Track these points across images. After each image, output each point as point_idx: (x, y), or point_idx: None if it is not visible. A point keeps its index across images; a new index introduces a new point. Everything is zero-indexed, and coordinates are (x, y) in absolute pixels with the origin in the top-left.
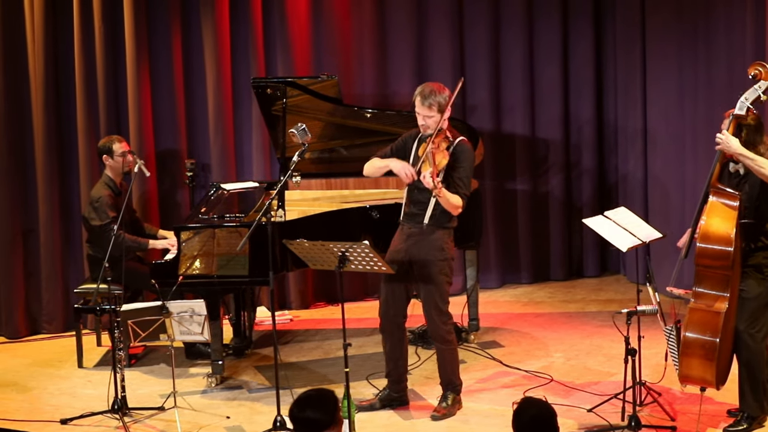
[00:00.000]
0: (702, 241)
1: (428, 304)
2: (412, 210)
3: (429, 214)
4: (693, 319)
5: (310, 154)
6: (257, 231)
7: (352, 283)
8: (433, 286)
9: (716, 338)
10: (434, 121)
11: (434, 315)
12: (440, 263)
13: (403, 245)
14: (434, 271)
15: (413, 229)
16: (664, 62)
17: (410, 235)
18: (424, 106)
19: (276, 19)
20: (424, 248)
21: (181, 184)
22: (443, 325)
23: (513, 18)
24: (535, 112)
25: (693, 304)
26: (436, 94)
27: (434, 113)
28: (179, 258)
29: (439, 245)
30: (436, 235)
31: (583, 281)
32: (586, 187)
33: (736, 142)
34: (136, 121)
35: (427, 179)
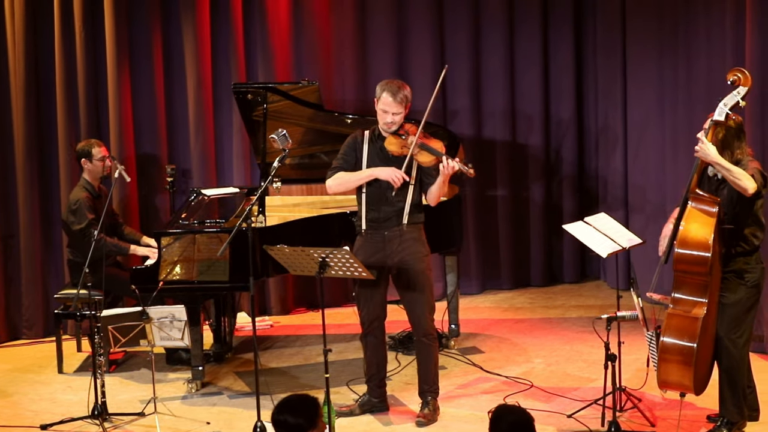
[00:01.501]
0: (680, 247)
1: (421, 303)
2: (385, 213)
3: (407, 212)
4: (671, 324)
5: (291, 159)
6: (237, 237)
7: (333, 289)
8: (424, 286)
9: (693, 344)
10: (401, 117)
11: (427, 312)
12: (426, 259)
13: (382, 252)
14: (423, 267)
15: (391, 232)
16: (645, 67)
17: (390, 239)
18: (396, 102)
19: (257, 25)
20: (412, 249)
21: (161, 190)
22: (431, 321)
23: (493, 23)
24: (515, 117)
25: (671, 309)
26: (403, 89)
27: (403, 109)
28: (159, 263)
29: (422, 241)
30: (416, 233)
31: (563, 287)
32: (566, 192)
33: (714, 151)
34: (116, 125)
35: (452, 164)
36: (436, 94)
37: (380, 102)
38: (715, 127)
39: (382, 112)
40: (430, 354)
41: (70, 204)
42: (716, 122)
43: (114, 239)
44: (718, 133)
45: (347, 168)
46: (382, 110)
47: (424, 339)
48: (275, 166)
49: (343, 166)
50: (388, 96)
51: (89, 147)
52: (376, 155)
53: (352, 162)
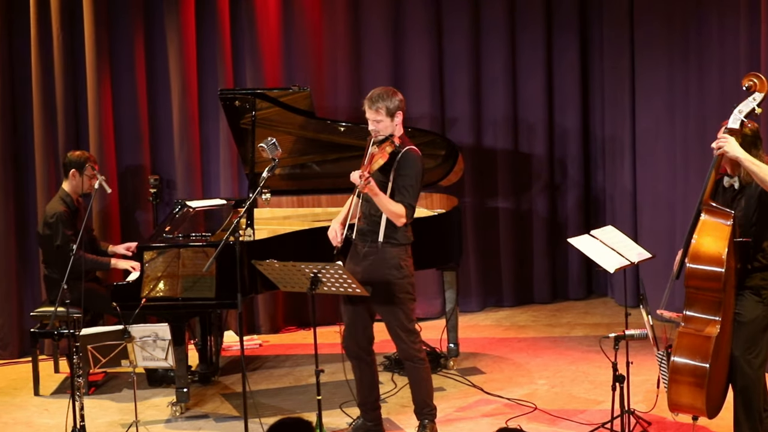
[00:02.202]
0: (692, 262)
1: (393, 324)
2: (365, 227)
3: (382, 231)
4: (682, 343)
5: (281, 169)
6: (225, 251)
7: (325, 307)
8: (395, 307)
9: (706, 364)
10: (383, 126)
11: (402, 335)
12: (400, 282)
13: (359, 267)
14: (395, 290)
15: (367, 249)
16: (654, 73)
17: (365, 255)
18: (372, 110)
19: (245, 28)
20: (381, 269)
21: (144, 202)
22: (412, 344)
23: (494, 27)
24: (517, 125)
25: (682, 328)
26: (384, 98)
27: (382, 117)
28: (142, 279)
29: (396, 263)
30: (391, 254)
31: (568, 304)
32: (571, 204)
33: (738, 146)
34: (96, 134)
35: (353, 175)
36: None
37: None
38: (729, 134)
39: (368, 120)
40: (417, 376)
41: (46, 217)
42: (731, 130)
43: (93, 256)
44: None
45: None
46: (366, 118)
47: (408, 363)
48: (264, 176)
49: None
50: (366, 103)
51: (84, 160)
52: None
53: None
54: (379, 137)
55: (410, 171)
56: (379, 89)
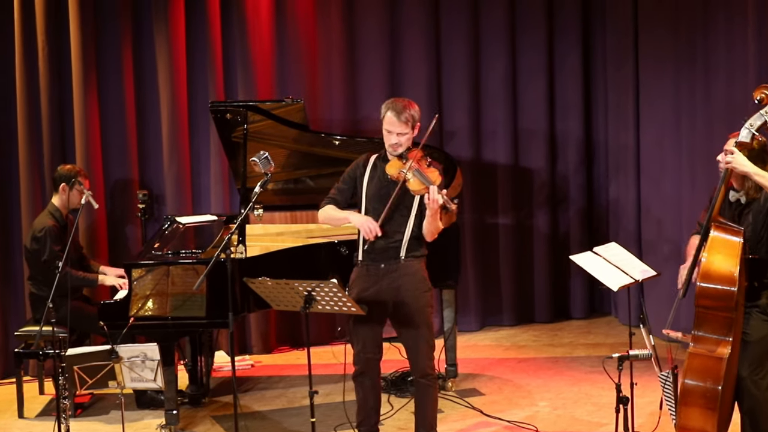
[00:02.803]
0: (703, 281)
1: (419, 340)
2: (382, 245)
3: (405, 246)
4: (693, 365)
5: (274, 184)
6: (216, 268)
7: (319, 326)
8: (423, 321)
9: (718, 386)
10: (407, 139)
11: (425, 351)
12: (426, 295)
13: (377, 286)
14: (422, 304)
15: (387, 266)
16: (659, 81)
17: (386, 273)
18: (401, 122)
19: (236, 38)
20: (409, 284)
21: (132, 217)
22: (431, 360)
23: (493, 33)
24: (518, 136)
25: (693, 348)
26: (410, 108)
27: (408, 129)
28: (130, 298)
29: (422, 276)
30: (416, 267)
31: (570, 323)
32: (573, 220)
33: (746, 160)
34: (83, 148)
35: (435, 197)
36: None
37: (384, 122)
38: (739, 148)
39: (387, 132)
40: (429, 396)
41: (34, 231)
42: (741, 144)
43: (80, 272)
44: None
45: (341, 200)
46: (386, 130)
47: (422, 380)
48: (256, 191)
49: (337, 198)
50: (392, 115)
51: (74, 174)
52: (377, 179)
53: (349, 193)
54: (399, 150)
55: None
56: (400, 100)
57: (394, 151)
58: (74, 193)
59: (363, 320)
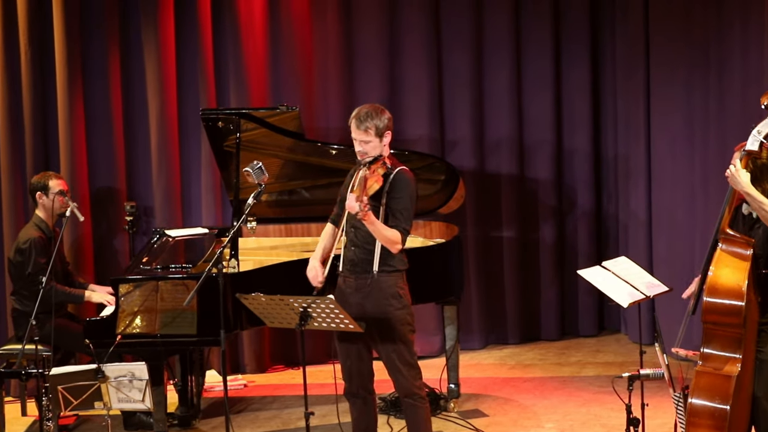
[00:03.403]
0: (709, 295)
1: (393, 359)
2: (355, 257)
3: (377, 259)
4: (700, 383)
5: (267, 196)
6: (207, 284)
7: (315, 344)
8: (395, 340)
9: (726, 405)
10: (372, 147)
11: (404, 370)
12: (399, 313)
13: (352, 299)
14: (395, 322)
15: (360, 280)
16: (671, 90)
17: (358, 288)
18: (360, 130)
19: (228, 43)
20: (378, 300)
21: (119, 230)
22: (413, 379)
23: (497, 41)
24: (523, 147)
25: (700, 366)
26: (373, 117)
27: (371, 137)
28: (117, 314)
29: (394, 292)
30: (388, 282)
31: (578, 341)
32: (581, 233)
33: (746, 179)
34: (67, 157)
35: (350, 202)
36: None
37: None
38: (747, 157)
39: (354, 140)
40: (418, 416)
41: (18, 243)
42: (749, 152)
43: (65, 287)
44: (750, 164)
45: (337, 218)
46: (353, 138)
47: (408, 400)
48: (250, 203)
49: (334, 217)
50: (353, 123)
51: (46, 180)
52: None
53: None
54: (367, 159)
55: (403, 193)
56: (366, 107)
57: (361, 159)
58: (52, 197)
59: (343, 339)
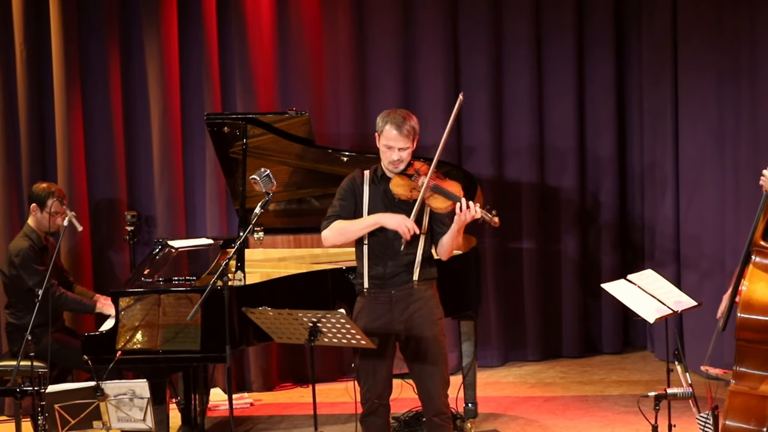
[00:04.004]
0: (743, 311)
1: (434, 375)
2: (392, 269)
3: (418, 268)
4: (734, 404)
5: (275, 205)
6: (211, 297)
7: (325, 361)
8: (438, 355)
9: (763, 428)
10: (409, 154)
11: (441, 389)
12: (439, 323)
13: (388, 315)
14: (436, 334)
15: (399, 292)
16: (700, 95)
17: (398, 300)
18: (402, 136)
19: (234, 43)
20: (423, 312)
21: (119, 241)
22: (446, 398)
23: (518, 44)
24: (544, 154)
25: (734, 386)
26: (410, 120)
27: (410, 143)
28: (117, 329)
29: (436, 302)
30: (429, 292)
31: (602, 358)
32: (605, 245)
33: None
34: (65, 165)
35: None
36: (450, 127)
37: (383, 137)
38: None
39: (386, 148)
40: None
41: (10, 255)
42: None
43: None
44: None
45: (345, 216)
46: (385, 146)
47: (436, 419)
48: (257, 212)
49: (341, 214)
50: (393, 129)
51: (47, 195)
52: (379, 200)
53: (352, 208)
54: (400, 167)
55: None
56: (400, 112)
57: (395, 168)
58: (46, 215)
59: (371, 355)
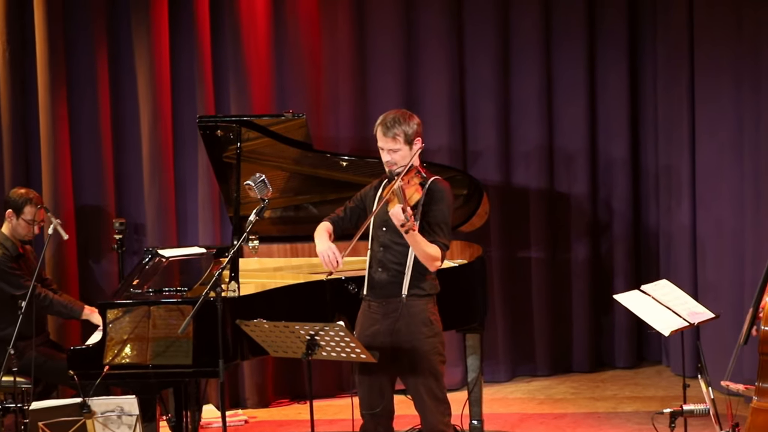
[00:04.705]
0: (767, 324)
1: (422, 393)
2: (382, 279)
3: (407, 281)
4: (757, 422)
5: (271, 212)
6: (204, 309)
7: (324, 376)
8: (426, 372)
9: None
10: (401, 156)
11: (432, 405)
12: (431, 341)
13: (378, 326)
14: (426, 351)
15: (388, 305)
16: (718, 100)
17: (387, 314)
18: (388, 138)
19: (228, 44)
20: (409, 326)
21: (107, 250)
22: (441, 416)
23: (526, 43)
24: (553, 159)
25: (756, 402)
26: (401, 122)
27: (400, 145)
28: (105, 343)
29: (425, 318)
30: (419, 307)
31: (614, 373)
32: (618, 253)
33: None
34: (50, 170)
35: (396, 213)
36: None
37: (377, 137)
38: None
39: (380, 149)
40: None
41: None
42: None
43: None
44: None
45: (345, 220)
46: (379, 147)
47: None
48: (251, 220)
49: (341, 217)
50: (381, 129)
51: (24, 202)
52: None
53: (355, 214)
54: (396, 170)
55: (441, 205)
56: (394, 112)
57: (389, 169)
58: (20, 223)
59: (367, 368)
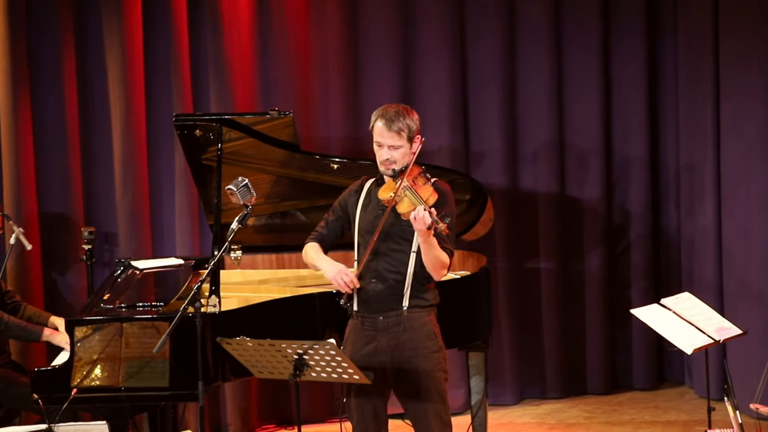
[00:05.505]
0: None
1: (429, 416)
2: (379, 291)
3: (408, 291)
4: None
5: (255, 219)
6: (182, 326)
7: (312, 398)
8: (432, 392)
9: None
10: (402, 154)
11: (435, 428)
12: (436, 357)
13: (375, 344)
14: (431, 368)
15: (387, 318)
16: (745, 93)
17: (385, 328)
18: (392, 132)
19: (208, 37)
20: (413, 341)
21: (75, 261)
22: None
23: (534, 33)
24: (564, 160)
25: None
26: (404, 116)
27: (403, 141)
28: (72, 363)
29: (430, 331)
30: (424, 320)
31: (632, 395)
32: (635, 263)
33: None
34: (12, 175)
35: (420, 215)
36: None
37: (374, 132)
38: None
39: (377, 146)
40: None
41: None
42: None
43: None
44: None
45: (327, 236)
46: (376, 143)
47: None
48: (234, 228)
49: (323, 234)
50: (381, 123)
51: None
52: (371, 207)
53: (338, 226)
54: (394, 168)
55: (447, 209)
56: (394, 106)
57: (387, 169)
58: None
59: (360, 390)
